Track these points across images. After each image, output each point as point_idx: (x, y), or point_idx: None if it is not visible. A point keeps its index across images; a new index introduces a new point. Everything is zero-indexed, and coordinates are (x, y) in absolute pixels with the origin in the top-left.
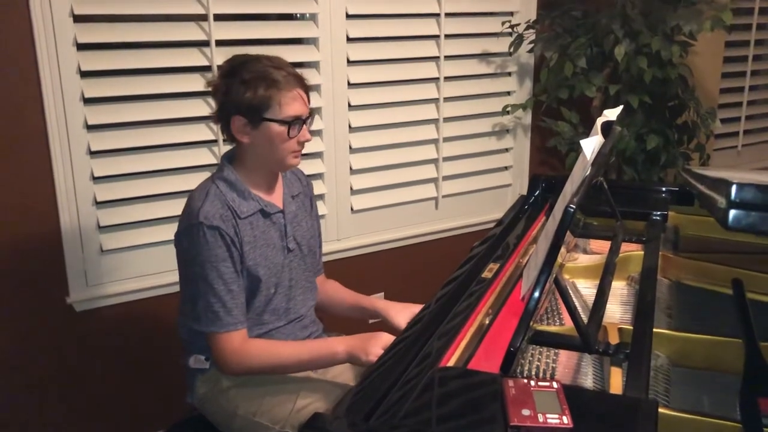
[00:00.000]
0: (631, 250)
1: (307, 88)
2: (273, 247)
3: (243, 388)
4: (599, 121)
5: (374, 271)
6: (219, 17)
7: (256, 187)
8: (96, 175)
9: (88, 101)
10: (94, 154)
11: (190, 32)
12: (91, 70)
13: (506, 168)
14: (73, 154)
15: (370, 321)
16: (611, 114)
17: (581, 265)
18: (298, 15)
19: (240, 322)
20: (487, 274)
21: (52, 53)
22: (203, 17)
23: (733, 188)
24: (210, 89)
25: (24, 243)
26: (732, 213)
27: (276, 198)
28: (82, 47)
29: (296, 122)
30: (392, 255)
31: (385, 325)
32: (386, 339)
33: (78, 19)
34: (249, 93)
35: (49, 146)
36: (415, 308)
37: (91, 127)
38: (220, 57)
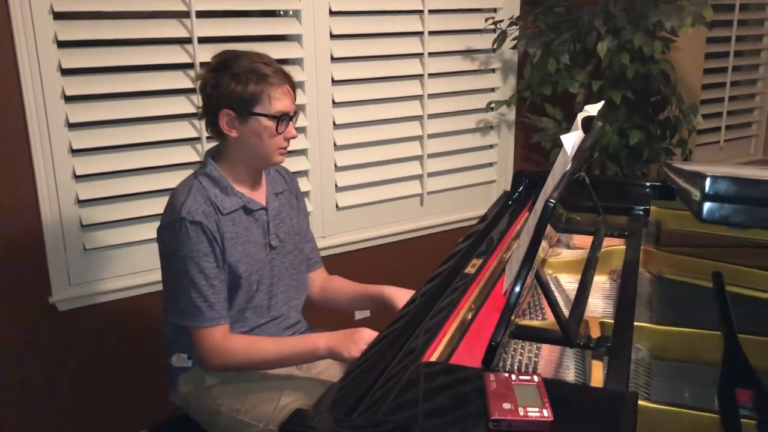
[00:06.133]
0: (614, 245)
1: (295, 86)
2: (255, 243)
3: (226, 386)
4: (580, 116)
5: (359, 268)
6: (201, 14)
7: (239, 183)
8: (78, 173)
9: (69, 99)
10: (75, 152)
11: (173, 29)
12: (72, 68)
13: (491, 164)
14: (54, 153)
15: (356, 318)
16: (592, 109)
17: (564, 260)
18: (281, 12)
19: (222, 317)
20: (470, 269)
21: (32, 51)
22: (185, 14)
23: (708, 181)
24: (197, 84)
25: (6, 242)
26: (706, 205)
27: (259, 195)
28: (62, 45)
29: (284, 118)
30: (377, 252)
31: (368, 322)
32: (368, 335)
33: (58, 16)
34: (239, 87)
35: (30, 145)
36: None
37: (72, 125)
38: (202, 54)
